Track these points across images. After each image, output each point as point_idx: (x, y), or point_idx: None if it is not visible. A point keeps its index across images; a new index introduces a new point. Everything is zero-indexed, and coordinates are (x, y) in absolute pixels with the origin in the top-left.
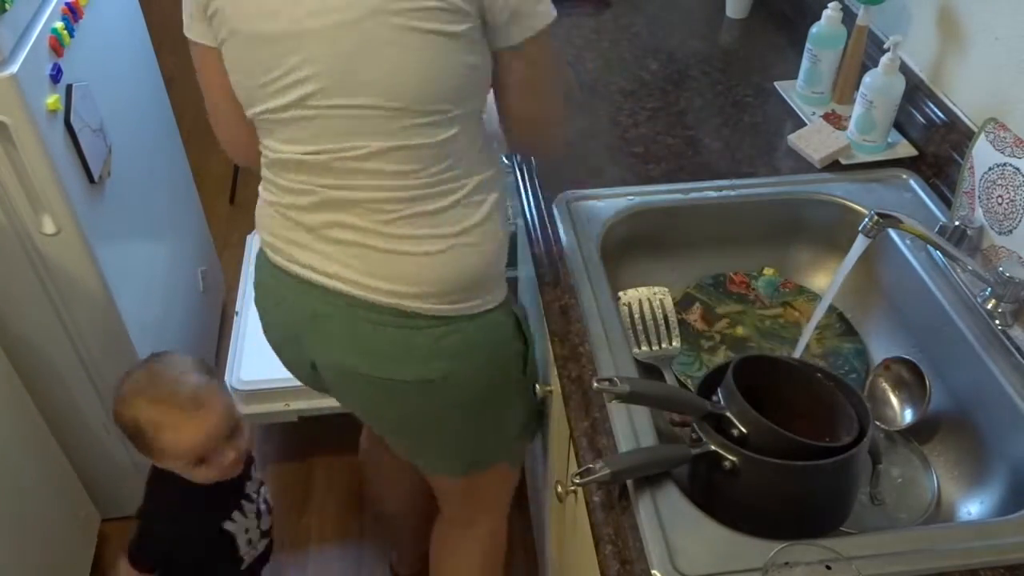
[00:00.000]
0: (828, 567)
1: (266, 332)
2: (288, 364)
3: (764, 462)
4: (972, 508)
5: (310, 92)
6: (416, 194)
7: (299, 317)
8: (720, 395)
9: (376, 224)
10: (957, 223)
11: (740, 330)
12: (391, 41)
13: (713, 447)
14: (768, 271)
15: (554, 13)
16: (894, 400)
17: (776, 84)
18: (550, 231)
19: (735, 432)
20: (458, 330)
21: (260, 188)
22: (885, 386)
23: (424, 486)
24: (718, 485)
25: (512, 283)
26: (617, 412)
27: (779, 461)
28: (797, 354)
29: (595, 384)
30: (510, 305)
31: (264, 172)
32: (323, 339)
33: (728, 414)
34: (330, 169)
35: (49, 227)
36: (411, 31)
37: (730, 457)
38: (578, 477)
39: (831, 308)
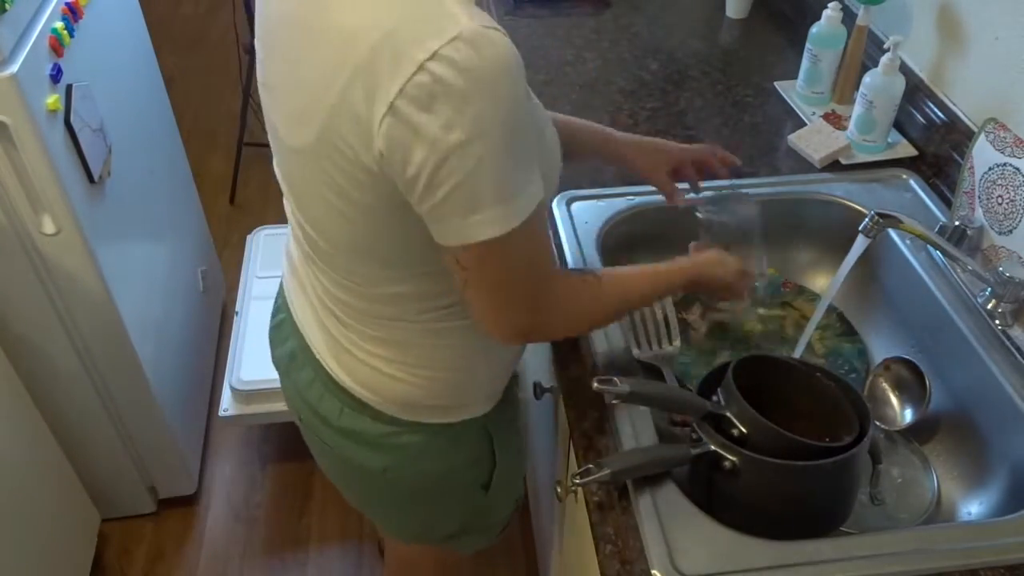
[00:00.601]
0: None
1: (270, 333)
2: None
3: (764, 462)
4: (972, 508)
5: (287, 182)
6: (357, 315)
7: (287, 345)
8: (720, 395)
9: (341, 319)
10: (957, 223)
11: (740, 330)
12: (319, 186)
13: (713, 447)
14: (769, 271)
15: (503, 230)
16: (894, 400)
17: (776, 84)
18: (550, 231)
19: (735, 432)
20: (404, 434)
21: None
22: (885, 386)
23: None
24: (718, 485)
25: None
26: (618, 412)
27: (779, 461)
28: (798, 353)
29: (595, 384)
30: (490, 423)
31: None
32: (294, 378)
33: (728, 414)
34: (308, 244)
35: (49, 227)
36: (329, 184)
37: (730, 457)
38: (578, 477)
39: (831, 308)
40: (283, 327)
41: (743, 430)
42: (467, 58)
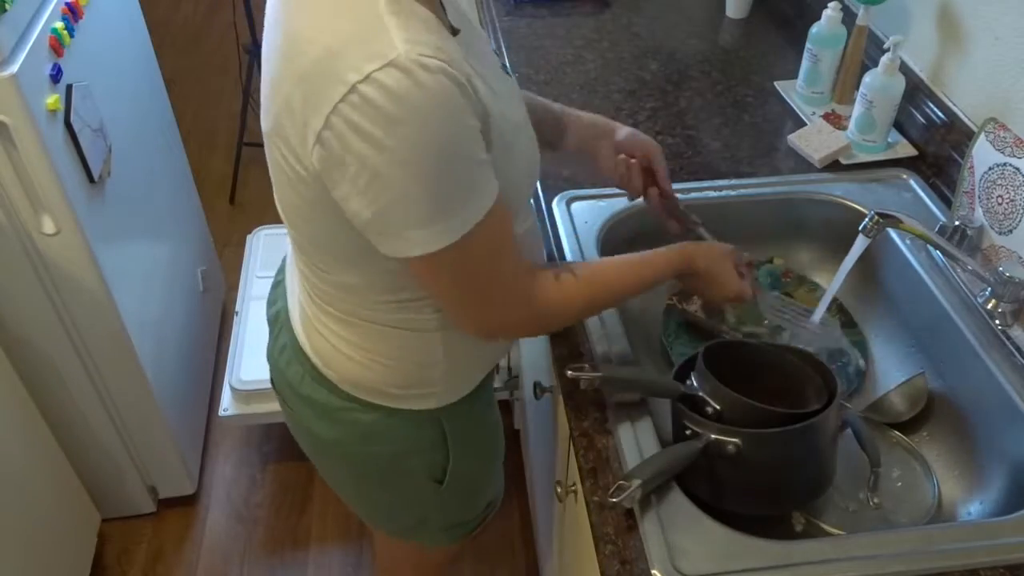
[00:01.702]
0: None
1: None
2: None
3: (766, 435)
4: (972, 508)
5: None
6: (320, 295)
7: (277, 303)
8: (693, 378)
9: (303, 283)
10: (957, 223)
11: (740, 321)
12: (280, 174)
13: (713, 436)
14: (778, 260)
15: (436, 247)
16: (893, 399)
17: (776, 84)
18: (550, 231)
19: (709, 410)
20: (357, 411)
21: None
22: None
23: None
24: (720, 473)
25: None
26: (617, 411)
27: (780, 429)
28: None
29: (568, 372)
30: (446, 418)
31: None
32: (275, 336)
33: (701, 394)
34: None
35: (49, 227)
36: (286, 174)
37: (732, 440)
38: (613, 497)
39: (832, 298)
40: (278, 288)
41: (716, 407)
42: (397, 83)
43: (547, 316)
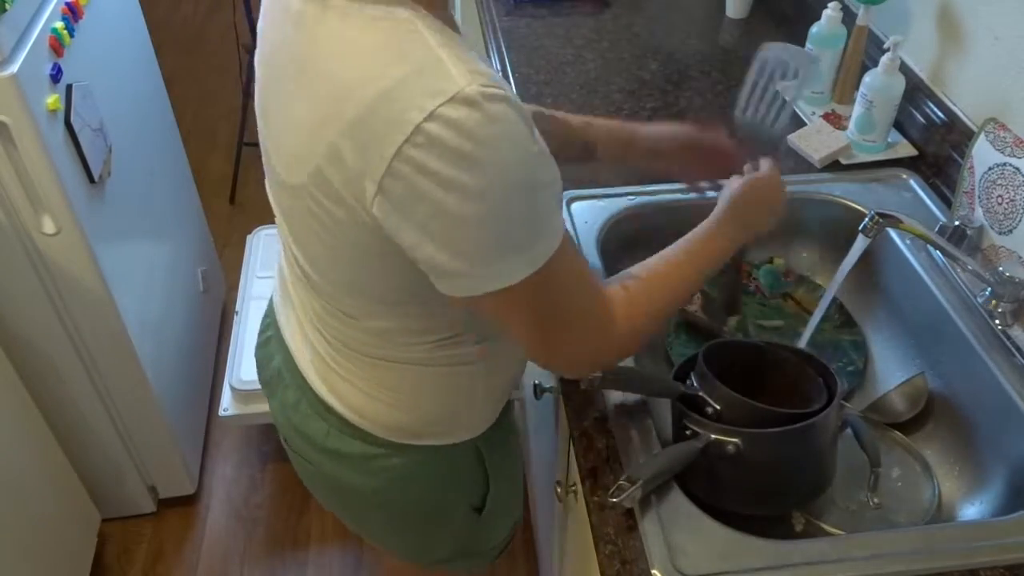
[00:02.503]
0: None
1: (256, 350)
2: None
3: (765, 435)
4: (972, 508)
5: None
6: (346, 341)
7: (272, 362)
8: (693, 378)
9: (330, 342)
10: (957, 223)
11: (741, 321)
12: (312, 221)
13: (714, 436)
14: (778, 260)
15: (519, 276)
16: (893, 399)
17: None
18: None
19: (709, 410)
20: (392, 456)
21: None
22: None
23: None
24: (720, 473)
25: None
26: (617, 411)
27: (779, 429)
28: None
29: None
30: (483, 445)
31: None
32: (279, 397)
33: (701, 394)
34: (299, 268)
35: (49, 227)
36: (321, 221)
37: (732, 440)
38: (613, 497)
39: (832, 298)
40: (270, 344)
41: (716, 407)
42: (466, 117)
43: (630, 333)
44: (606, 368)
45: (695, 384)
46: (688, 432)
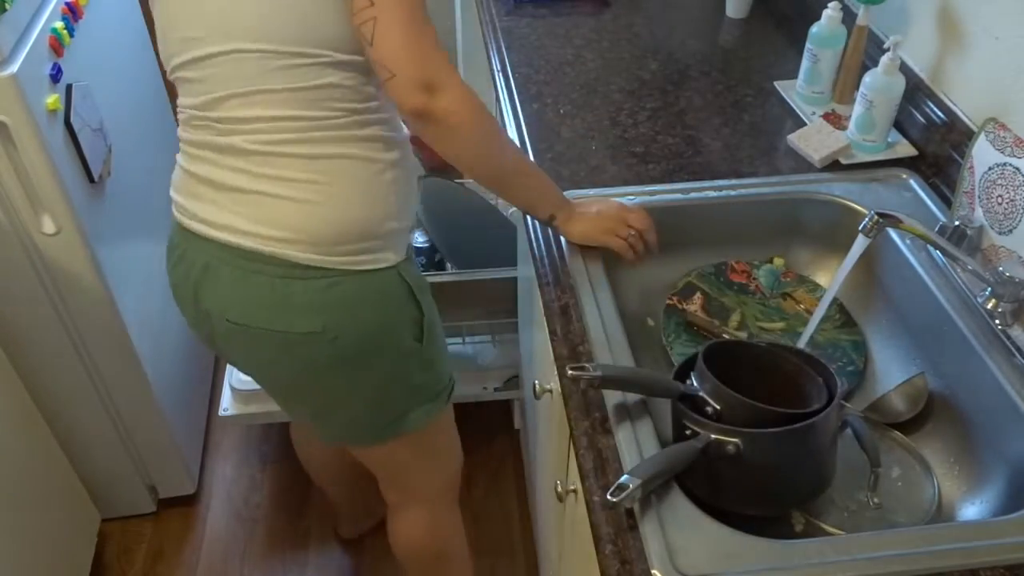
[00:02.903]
0: None
1: (173, 292)
2: (190, 323)
3: (765, 435)
4: (972, 508)
5: (197, 46)
6: (292, 137)
7: (195, 270)
8: (693, 378)
9: (260, 168)
10: (957, 223)
11: (740, 320)
12: None
13: (713, 436)
14: (778, 260)
15: None
16: (893, 399)
17: (776, 84)
18: (550, 231)
19: (709, 410)
20: (338, 283)
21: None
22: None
23: (347, 458)
24: (720, 473)
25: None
26: (617, 412)
27: (779, 429)
28: (801, 344)
29: (569, 372)
30: (403, 271)
31: (179, 132)
32: (212, 290)
33: (701, 393)
34: (218, 120)
35: (49, 227)
36: None
37: (732, 440)
38: (613, 496)
39: (832, 298)
40: (185, 258)
41: (716, 407)
42: None
43: (465, 98)
44: (451, 115)
45: (695, 384)
46: (688, 432)
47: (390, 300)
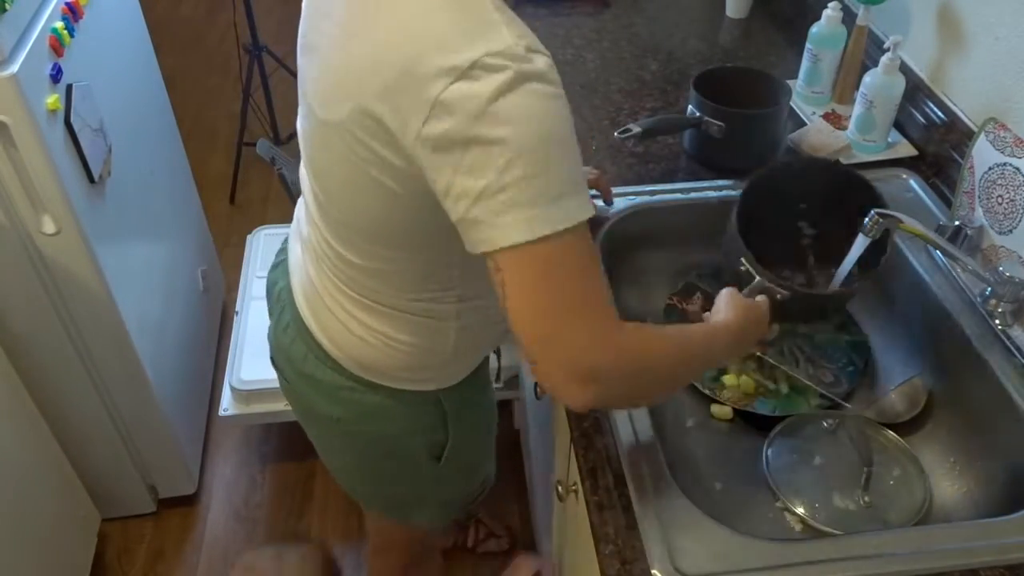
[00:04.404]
0: None
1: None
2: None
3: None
4: (971, 508)
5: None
6: (342, 273)
7: (275, 291)
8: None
9: (320, 259)
10: (957, 223)
11: None
12: (341, 159)
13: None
14: None
15: (536, 234)
16: (893, 399)
17: None
18: None
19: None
20: (362, 392)
21: None
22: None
23: None
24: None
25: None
26: (618, 413)
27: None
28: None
29: (616, 135)
30: (445, 397)
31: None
32: (275, 321)
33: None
34: (326, 241)
35: (49, 227)
36: (352, 160)
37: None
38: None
39: None
40: (278, 269)
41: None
42: (510, 65)
43: (628, 360)
44: (584, 392)
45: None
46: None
47: (412, 420)
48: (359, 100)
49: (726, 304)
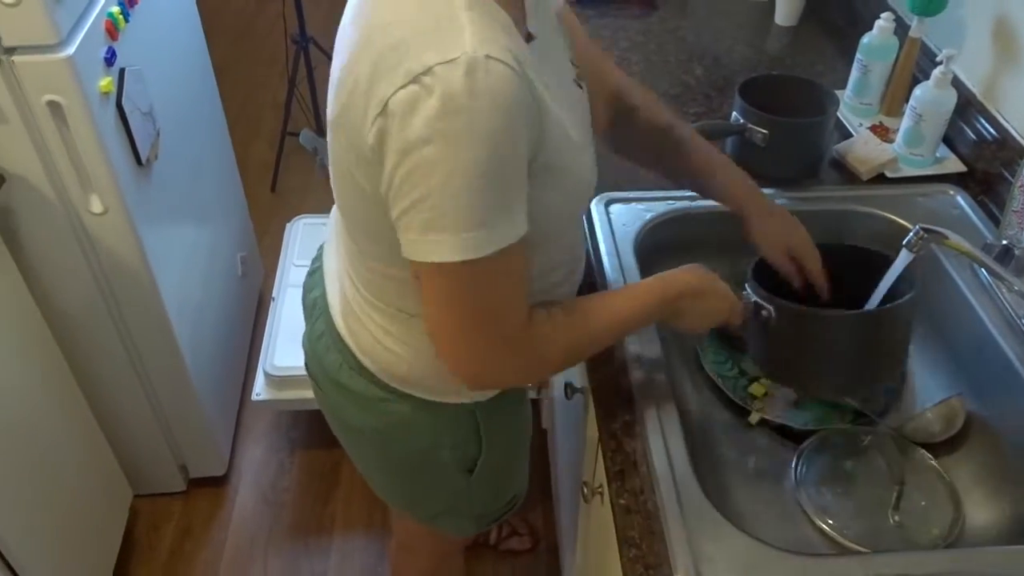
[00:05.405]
0: None
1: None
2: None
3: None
4: (1004, 534)
5: None
6: (367, 284)
7: (311, 298)
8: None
9: (348, 272)
10: (1005, 242)
11: None
12: (336, 158)
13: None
14: None
15: (457, 257)
16: (929, 418)
17: None
18: (587, 233)
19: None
20: (394, 403)
21: None
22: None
23: None
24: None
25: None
26: (647, 413)
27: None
28: None
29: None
30: (480, 411)
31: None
32: (310, 329)
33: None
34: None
35: (97, 206)
36: (341, 158)
37: (767, 306)
38: None
39: None
40: (315, 275)
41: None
42: (457, 81)
43: (540, 360)
44: (503, 386)
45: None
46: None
47: (445, 432)
48: (341, 96)
49: (690, 267)
